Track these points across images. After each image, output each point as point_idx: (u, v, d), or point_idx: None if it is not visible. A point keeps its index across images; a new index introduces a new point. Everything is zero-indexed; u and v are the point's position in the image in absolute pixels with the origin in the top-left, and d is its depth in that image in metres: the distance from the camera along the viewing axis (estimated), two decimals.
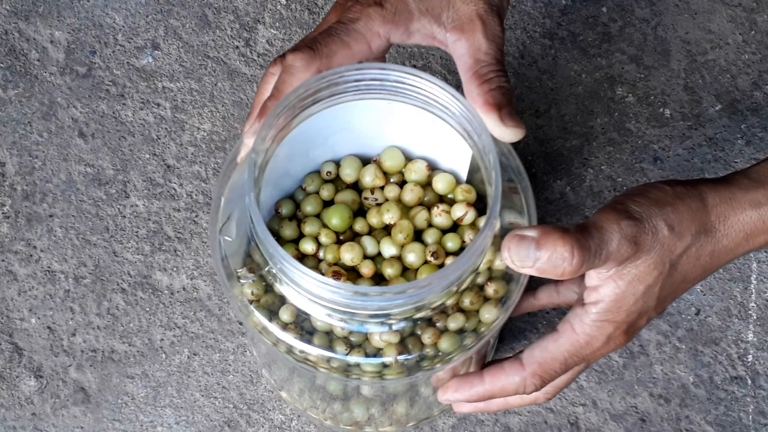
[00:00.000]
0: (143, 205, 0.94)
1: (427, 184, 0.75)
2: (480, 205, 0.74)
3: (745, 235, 0.71)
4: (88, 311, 0.92)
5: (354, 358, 0.71)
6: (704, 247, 0.70)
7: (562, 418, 0.90)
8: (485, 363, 0.78)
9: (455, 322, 0.70)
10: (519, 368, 0.73)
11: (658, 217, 0.69)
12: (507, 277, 0.72)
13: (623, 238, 0.68)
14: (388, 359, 0.70)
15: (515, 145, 0.74)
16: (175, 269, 0.93)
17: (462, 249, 0.73)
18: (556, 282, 0.82)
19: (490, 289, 0.71)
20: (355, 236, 0.74)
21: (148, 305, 0.92)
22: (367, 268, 0.72)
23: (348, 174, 0.75)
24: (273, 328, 0.71)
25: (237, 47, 0.98)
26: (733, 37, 0.98)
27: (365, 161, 0.76)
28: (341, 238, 0.73)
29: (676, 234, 0.69)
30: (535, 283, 0.90)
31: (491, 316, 0.71)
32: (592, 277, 0.70)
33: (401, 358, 0.70)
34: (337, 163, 0.76)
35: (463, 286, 0.70)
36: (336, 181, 0.76)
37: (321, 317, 0.70)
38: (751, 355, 0.91)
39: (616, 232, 0.68)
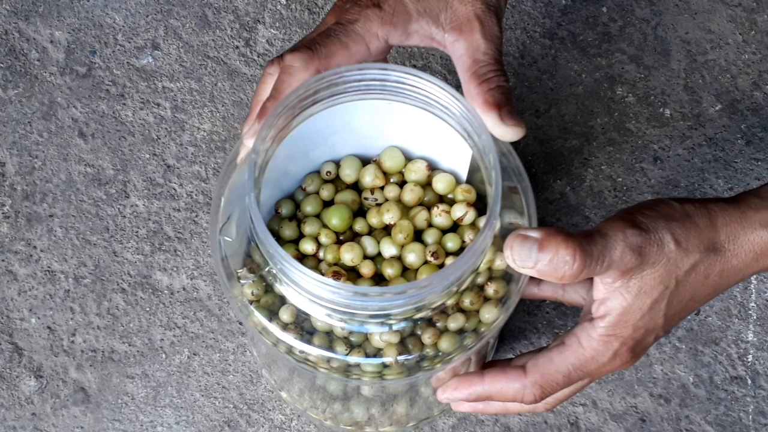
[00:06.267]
0: (143, 205, 0.94)
1: (427, 184, 0.75)
2: (480, 205, 0.74)
3: (755, 255, 0.70)
4: (88, 311, 0.92)
5: (354, 359, 0.71)
6: (713, 266, 0.70)
7: (562, 418, 0.90)
8: (485, 363, 0.78)
9: (455, 322, 0.70)
10: (521, 375, 0.72)
11: (664, 230, 0.68)
12: (507, 277, 0.72)
13: (627, 246, 0.67)
14: (388, 359, 0.70)
15: (515, 145, 0.74)
16: (175, 269, 0.93)
17: (462, 249, 0.73)
18: None
19: (491, 290, 0.71)
20: (355, 236, 0.74)
21: (148, 305, 0.92)
22: (367, 269, 0.72)
23: (348, 174, 0.75)
24: (273, 328, 0.71)
25: (237, 47, 0.98)
26: (733, 37, 0.98)
27: (365, 161, 0.76)
28: (341, 238, 0.73)
29: (682, 249, 0.69)
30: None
31: (491, 316, 0.71)
32: (600, 289, 0.70)
33: (401, 358, 0.70)
34: (337, 163, 0.76)
35: (463, 286, 0.70)
36: (336, 181, 0.76)
37: (321, 317, 0.70)
38: (751, 355, 0.91)
39: (621, 241, 0.67)
